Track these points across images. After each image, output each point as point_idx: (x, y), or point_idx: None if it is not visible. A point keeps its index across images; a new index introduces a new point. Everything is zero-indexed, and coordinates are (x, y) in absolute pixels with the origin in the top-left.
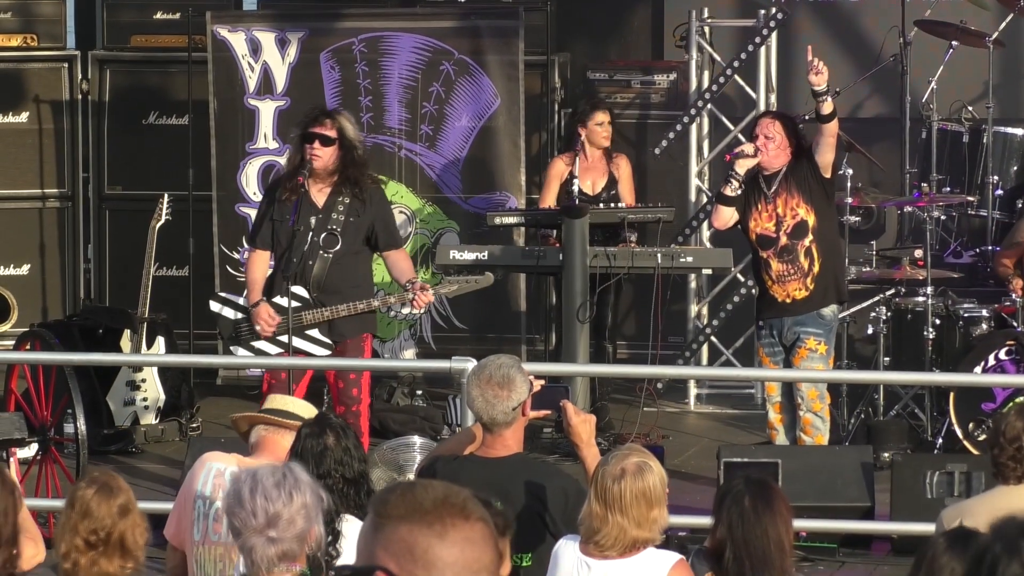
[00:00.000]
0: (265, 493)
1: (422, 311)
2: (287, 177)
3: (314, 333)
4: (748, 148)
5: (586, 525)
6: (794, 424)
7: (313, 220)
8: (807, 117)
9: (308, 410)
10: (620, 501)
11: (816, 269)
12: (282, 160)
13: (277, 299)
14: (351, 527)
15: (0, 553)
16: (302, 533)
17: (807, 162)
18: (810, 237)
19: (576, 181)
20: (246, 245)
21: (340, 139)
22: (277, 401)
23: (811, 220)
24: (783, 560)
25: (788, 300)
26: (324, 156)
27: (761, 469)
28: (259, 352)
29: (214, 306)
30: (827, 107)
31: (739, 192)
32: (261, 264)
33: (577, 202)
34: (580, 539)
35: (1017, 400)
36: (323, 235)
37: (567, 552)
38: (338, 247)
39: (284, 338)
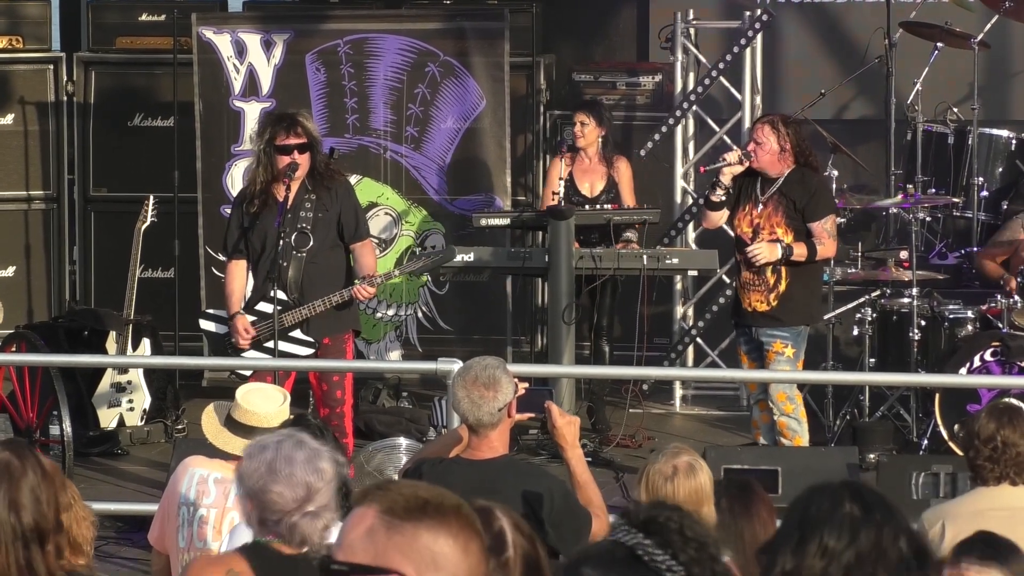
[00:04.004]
0: (300, 466)
1: (399, 307)
2: (262, 189)
3: (296, 334)
4: (731, 156)
5: None
6: (774, 426)
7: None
8: (804, 117)
9: (279, 413)
10: (673, 499)
11: (781, 288)
12: None
13: (260, 306)
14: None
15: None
16: (330, 502)
17: (799, 199)
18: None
19: (562, 183)
20: (222, 257)
21: (309, 142)
22: (244, 414)
23: (787, 241)
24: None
25: (749, 309)
26: (304, 162)
27: (762, 476)
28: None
29: (203, 324)
30: (799, 254)
31: (723, 199)
32: (239, 274)
33: (563, 203)
34: None
35: (995, 401)
36: (294, 235)
37: None
38: (310, 245)
39: (270, 343)
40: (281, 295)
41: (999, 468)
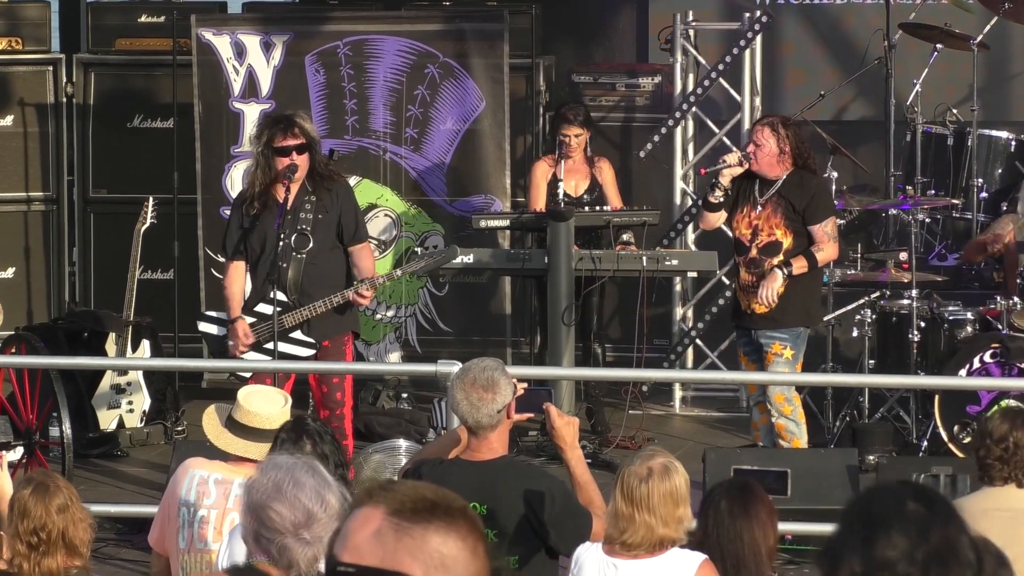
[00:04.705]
0: (307, 493)
1: (399, 308)
2: (261, 191)
3: (297, 335)
4: (731, 158)
5: (611, 526)
6: (773, 427)
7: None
8: (803, 119)
9: (280, 415)
10: (648, 500)
11: (780, 289)
12: None
13: (260, 307)
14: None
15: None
16: (325, 538)
17: (798, 202)
18: (780, 258)
19: (561, 184)
20: (221, 258)
21: (308, 141)
22: (246, 416)
23: (786, 243)
24: (759, 564)
25: (748, 311)
26: (303, 163)
27: (772, 478)
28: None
29: (202, 326)
30: (799, 267)
31: (722, 200)
32: (238, 276)
33: (562, 205)
34: (603, 541)
35: (1002, 403)
36: (294, 236)
37: (591, 555)
38: (310, 246)
39: (270, 345)
40: (281, 296)
41: (1008, 469)
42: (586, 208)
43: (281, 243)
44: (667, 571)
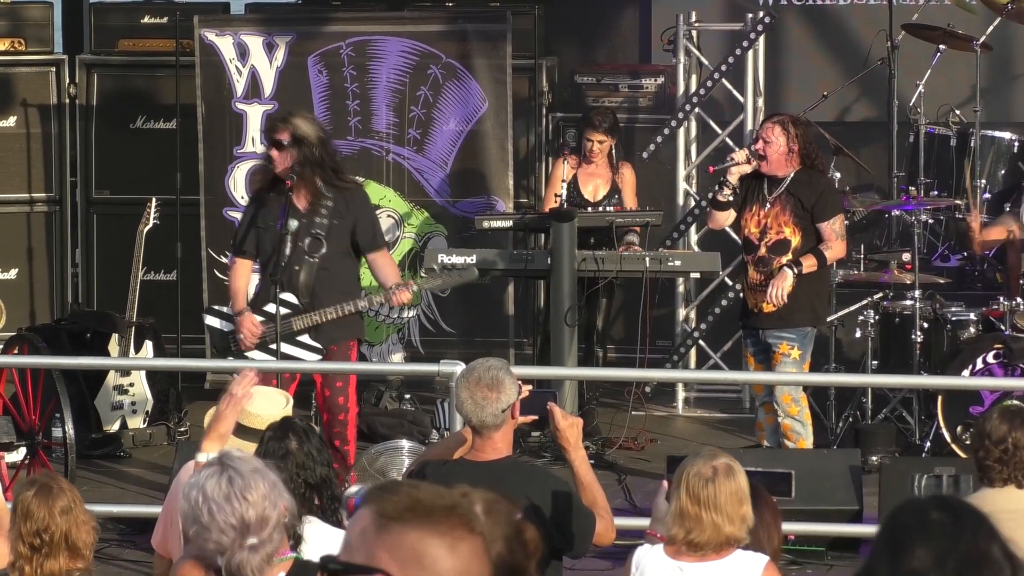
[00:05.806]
0: (220, 508)
1: (402, 309)
2: (268, 187)
3: (304, 339)
4: (739, 156)
5: (676, 526)
6: (778, 427)
7: (296, 224)
8: (807, 120)
9: (281, 416)
10: (715, 500)
11: (789, 289)
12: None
13: (269, 308)
14: (313, 529)
15: None
16: (277, 521)
17: (806, 199)
18: (789, 257)
19: (565, 185)
20: (229, 254)
21: (295, 140)
22: (247, 416)
23: (795, 241)
24: None
25: (756, 310)
26: (281, 160)
27: (776, 479)
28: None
29: (207, 320)
30: (809, 266)
31: (731, 199)
32: (244, 273)
33: (565, 206)
34: (666, 542)
35: (1005, 403)
36: (307, 240)
37: (653, 558)
38: (323, 251)
39: (275, 345)
40: (292, 298)
41: (1007, 470)
42: (588, 209)
43: (291, 245)
44: (733, 573)
